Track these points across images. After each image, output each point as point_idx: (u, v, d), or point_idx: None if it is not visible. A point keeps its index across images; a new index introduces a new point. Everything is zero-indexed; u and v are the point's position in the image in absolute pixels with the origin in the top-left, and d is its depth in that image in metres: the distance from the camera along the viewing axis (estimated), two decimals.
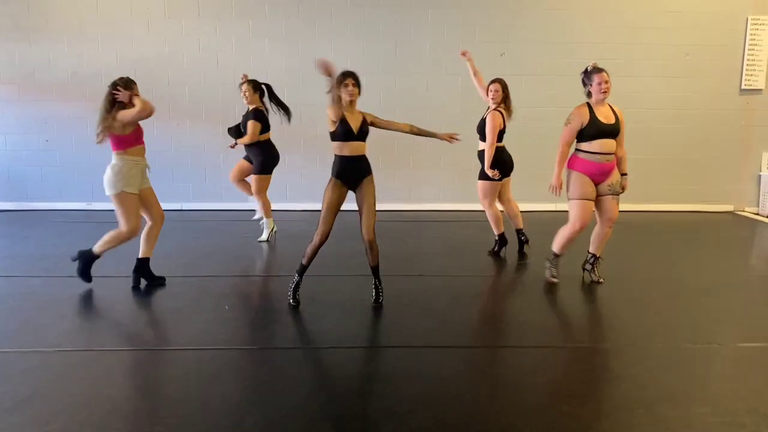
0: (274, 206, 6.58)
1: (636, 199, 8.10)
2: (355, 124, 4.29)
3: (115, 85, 4.54)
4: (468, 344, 3.91)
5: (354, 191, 4.40)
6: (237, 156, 6.72)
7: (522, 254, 5.92)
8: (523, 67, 7.91)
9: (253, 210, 6.87)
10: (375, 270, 4.53)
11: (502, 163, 5.62)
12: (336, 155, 4.36)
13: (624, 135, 4.87)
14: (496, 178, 5.58)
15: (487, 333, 4.21)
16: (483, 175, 5.62)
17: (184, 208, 8.01)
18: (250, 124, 6.05)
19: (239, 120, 6.42)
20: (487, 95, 5.71)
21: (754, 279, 5.50)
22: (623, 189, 4.92)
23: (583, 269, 5.16)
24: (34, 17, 7.64)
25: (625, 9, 8.01)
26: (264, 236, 6.40)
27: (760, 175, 8.40)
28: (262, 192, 6.31)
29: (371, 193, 4.38)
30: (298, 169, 8.01)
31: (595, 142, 4.70)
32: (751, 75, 8.12)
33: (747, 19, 8.02)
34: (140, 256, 4.82)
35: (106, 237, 4.65)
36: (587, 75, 4.82)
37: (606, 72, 4.75)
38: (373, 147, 4.64)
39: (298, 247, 6.03)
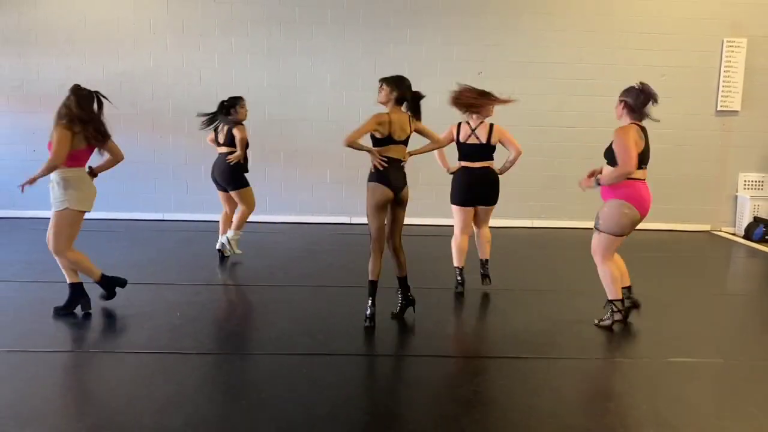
0: (255, 218, 6.64)
1: None
2: (401, 128, 4.27)
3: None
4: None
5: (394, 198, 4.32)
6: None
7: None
8: (499, 86, 8.00)
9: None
10: (403, 281, 4.52)
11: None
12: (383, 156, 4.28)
13: None
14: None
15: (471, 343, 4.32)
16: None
17: (164, 218, 8.18)
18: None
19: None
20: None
21: (715, 297, 5.55)
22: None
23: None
24: (23, 32, 7.89)
25: (601, 30, 8.13)
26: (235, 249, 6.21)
27: (736, 196, 8.44)
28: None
29: (405, 204, 4.41)
30: (278, 181, 8.16)
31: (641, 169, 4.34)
32: (727, 96, 8.19)
33: (722, 41, 8.11)
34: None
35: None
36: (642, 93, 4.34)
37: None
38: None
39: (269, 258, 6.24)
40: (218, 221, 6.31)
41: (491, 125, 5.11)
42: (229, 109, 5.95)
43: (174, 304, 4.78)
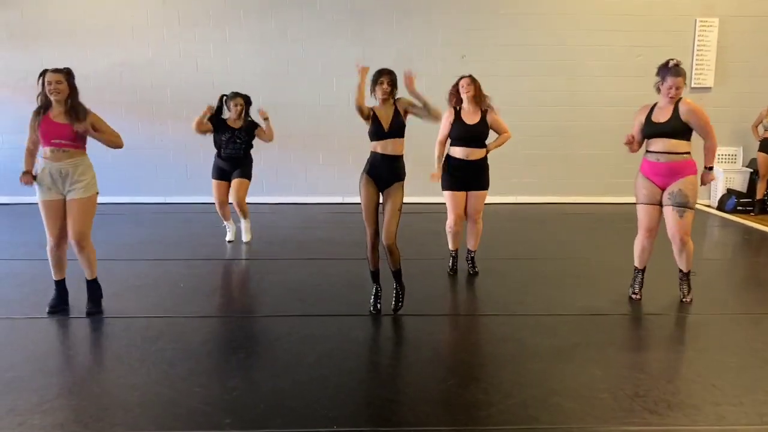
0: (251, 199, 7.01)
1: (595, 192, 8.63)
2: (386, 122, 4.22)
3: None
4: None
5: (382, 192, 4.30)
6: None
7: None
8: (482, 68, 8.37)
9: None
10: (396, 274, 4.37)
11: None
12: (370, 151, 4.30)
13: (708, 127, 4.44)
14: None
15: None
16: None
17: (166, 201, 8.60)
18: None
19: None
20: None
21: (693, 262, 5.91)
22: (705, 182, 4.50)
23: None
24: (27, 25, 8.27)
25: (580, 12, 8.49)
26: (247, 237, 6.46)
27: None
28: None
29: (398, 198, 4.24)
30: (273, 165, 8.56)
31: (650, 141, 4.46)
32: (701, 74, 8.57)
33: (695, 21, 8.47)
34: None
35: None
36: (664, 71, 4.50)
37: (684, 77, 4.47)
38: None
39: (265, 236, 6.66)
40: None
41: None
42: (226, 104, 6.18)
43: (177, 276, 5.22)
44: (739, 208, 8.30)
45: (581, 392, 3.27)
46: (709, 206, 8.76)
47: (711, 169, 4.53)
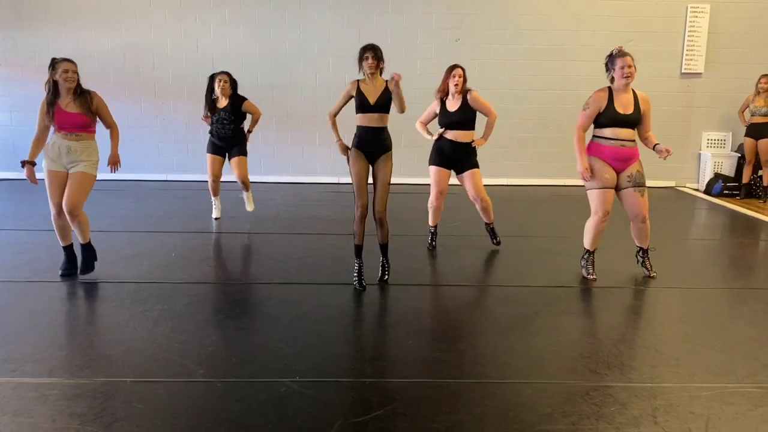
0: (250, 179, 7.22)
1: None
2: (372, 97, 4.41)
3: None
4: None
5: (372, 165, 4.48)
6: None
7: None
8: (475, 52, 8.59)
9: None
10: (384, 248, 4.62)
11: None
12: (357, 126, 4.49)
13: (650, 121, 4.77)
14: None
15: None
16: None
17: (168, 179, 8.90)
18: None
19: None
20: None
21: (680, 242, 6.19)
22: (666, 153, 4.68)
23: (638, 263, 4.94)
24: (34, 7, 8.55)
25: None
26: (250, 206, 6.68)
27: (699, 154, 9.00)
28: None
29: (387, 169, 4.44)
30: (271, 145, 8.82)
31: (607, 130, 4.59)
32: (691, 59, 8.69)
33: (687, 7, 8.59)
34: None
35: None
36: (611, 59, 4.62)
37: (631, 56, 4.56)
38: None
39: (259, 212, 6.91)
40: (221, 181, 6.71)
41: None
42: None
43: (170, 247, 5.52)
44: (725, 192, 8.46)
45: (531, 353, 3.52)
46: (696, 190, 8.93)
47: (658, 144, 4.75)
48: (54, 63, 4.44)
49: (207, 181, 6.57)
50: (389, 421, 2.80)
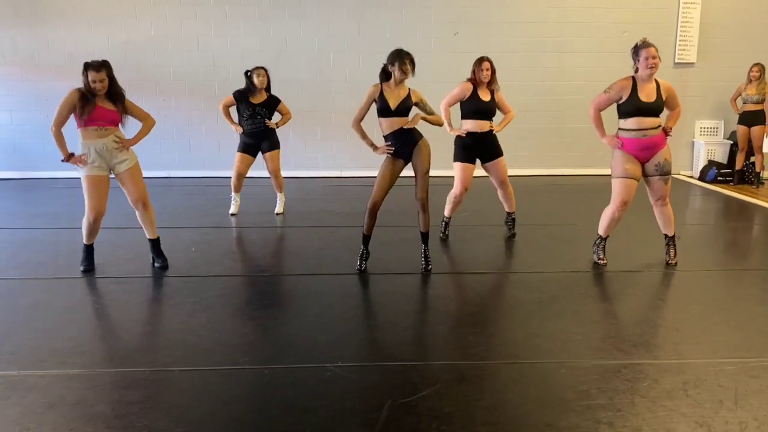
0: (253, 173, 7.33)
1: (583, 164, 9.01)
2: (394, 102, 4.49)
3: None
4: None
5: (410, 160, 4.62)
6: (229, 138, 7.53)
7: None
8: (474, 45, 8.70)
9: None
10: (424, 236, 4.75)
11: None
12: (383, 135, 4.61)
13: (676, 100, 4.84)
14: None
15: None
16: None
17: (171, 176, 8.94)
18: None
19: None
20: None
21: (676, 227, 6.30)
22: (668, 131, 4.78)
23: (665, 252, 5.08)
24: (33, 5, 8.52)
25: None
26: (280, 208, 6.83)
27: (693, 142, 9.22)
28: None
29: (424, 157, 4.57)
30: None
31: (631, 120, 4.66)
32: (684, 50, 8.90)
33: None
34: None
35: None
36: (636, 50, 4.69)
37: (655, 48, 4.62)
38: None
39: (269, 207, 6.99)
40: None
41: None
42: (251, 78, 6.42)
43: (188, 242, 5.59)
44: (719, 178, 8.69)
45: (557, 335, 3.67)
46: (691, 177, 9.15)
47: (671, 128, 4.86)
48: (85, 68, 4.48)
49: (211, 178, 6.64)
50: (436, 401, 2.92)
